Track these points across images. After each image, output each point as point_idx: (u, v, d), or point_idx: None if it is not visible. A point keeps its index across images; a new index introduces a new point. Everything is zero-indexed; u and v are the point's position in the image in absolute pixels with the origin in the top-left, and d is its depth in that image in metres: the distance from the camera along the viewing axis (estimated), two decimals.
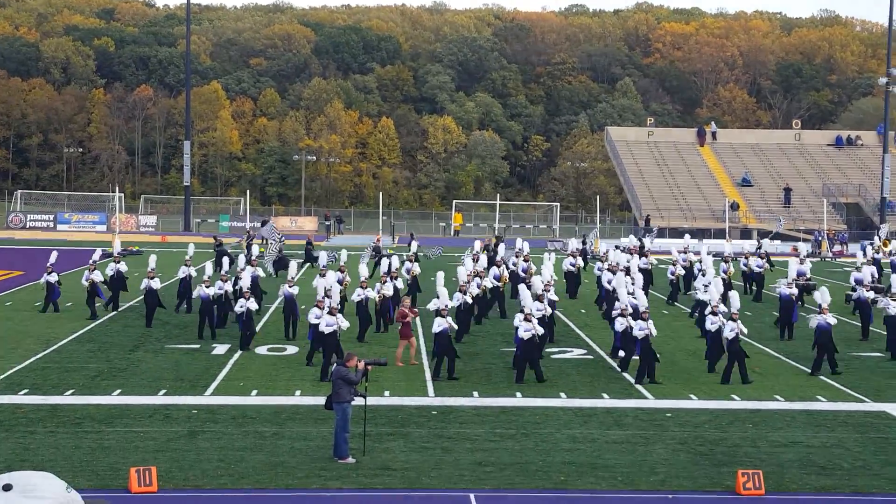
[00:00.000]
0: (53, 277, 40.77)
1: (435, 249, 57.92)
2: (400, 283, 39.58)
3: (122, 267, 41.45)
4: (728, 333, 29.58)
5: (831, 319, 31.29)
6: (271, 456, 21.54)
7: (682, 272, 45.54)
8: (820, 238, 71.76)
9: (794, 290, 38.23)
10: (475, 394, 27.55)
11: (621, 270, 39.24)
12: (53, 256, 42.27)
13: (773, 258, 52.34)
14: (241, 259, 42.96)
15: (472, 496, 19.48)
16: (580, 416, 25.36)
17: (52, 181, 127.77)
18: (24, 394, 26.70)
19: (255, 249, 48.58)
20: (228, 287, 37.52)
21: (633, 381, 29.20)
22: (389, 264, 39.11)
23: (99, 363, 30.91)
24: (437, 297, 31.33)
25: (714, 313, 30.73)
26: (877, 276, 44.64)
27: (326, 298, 30.62)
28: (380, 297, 36.65)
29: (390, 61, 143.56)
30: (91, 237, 78.64)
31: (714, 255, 48.16)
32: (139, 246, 65.19)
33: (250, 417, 24.71)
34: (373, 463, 21.23)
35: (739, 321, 29.85)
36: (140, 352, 32.87)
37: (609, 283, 38.75)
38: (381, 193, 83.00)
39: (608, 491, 19.90)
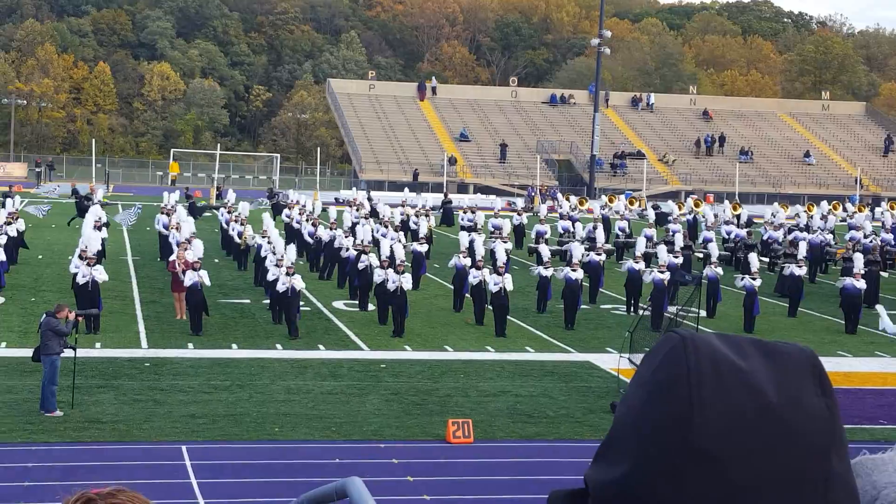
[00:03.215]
0: None
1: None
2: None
3: None
4: (493, 287, 30.36)
5: (579, 274, 32.57)
6: None
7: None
8: (533, 193, 73.99)
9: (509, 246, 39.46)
10: (190, 345, 27.21)
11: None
12: None
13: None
14: None
15: (184, 448, 19.29)
16: (296, 368, 25.43)
17: None
18: None
19: None
20: None
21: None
22: None
23: None
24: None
25: (478, 267, 31.59)
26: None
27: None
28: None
29: (106, 4, 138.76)
30: None
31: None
32: None
33: None
34: (81, 416, 20.73)
35: (507, 275, 30.73)
36: None
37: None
38: (94, 140, 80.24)
39: (322, 441, 20.09)
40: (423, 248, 39.01)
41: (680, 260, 37.50)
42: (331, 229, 39.35)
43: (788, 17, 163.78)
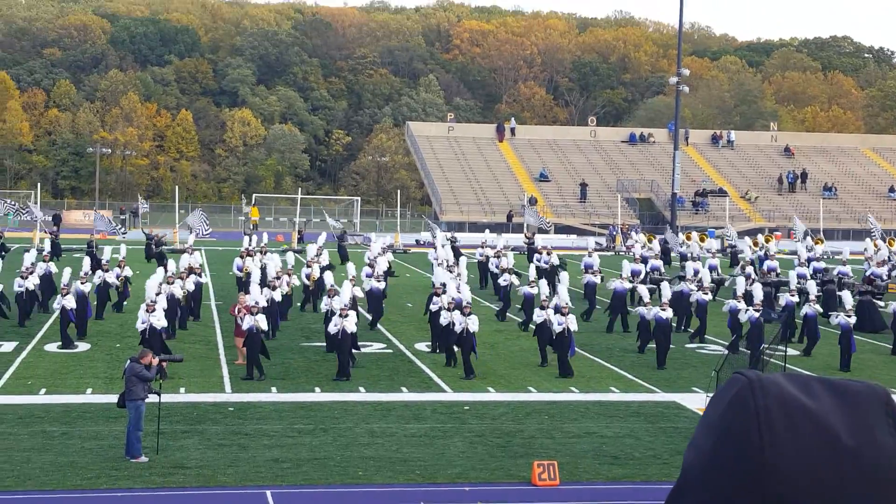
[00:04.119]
0: None
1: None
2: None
3: None
4: (556, 327, 30.01)
5: (669, 313, 32.21)
6: (60, 456, 20.85)
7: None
8: (614, 233, 73.50)
9: (627, 285, 38.81)
10: (273, 389, 27.22)
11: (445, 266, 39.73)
12: None
13: (567, 251, 53.48)
14: (32, 254, 41.45)
15: (268, 493, 19.21)
16: (379, 410, 25.30)
17: None
18: None
19: (48, 244, 46.97)
20: (29, 284, 36.19)
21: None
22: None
23: None
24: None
25: (542, 307, 31.13)
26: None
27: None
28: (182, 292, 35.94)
29: (189, 54, 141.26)
30: None
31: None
32: None
33: (38, 417, 23.88)
34: (167, 461, 20.75)
35: (571, 315, 30.39)
36: None
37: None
38: (177, 187, 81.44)
39: (407, 485, 19.90)
40: (534, 290, 38.44)
41: (796, 298, 36.70)
42: (450, 271, 38.69)
43: (869, 53, 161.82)
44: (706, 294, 36.93)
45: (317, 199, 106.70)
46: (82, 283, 34.70)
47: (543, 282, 35.20)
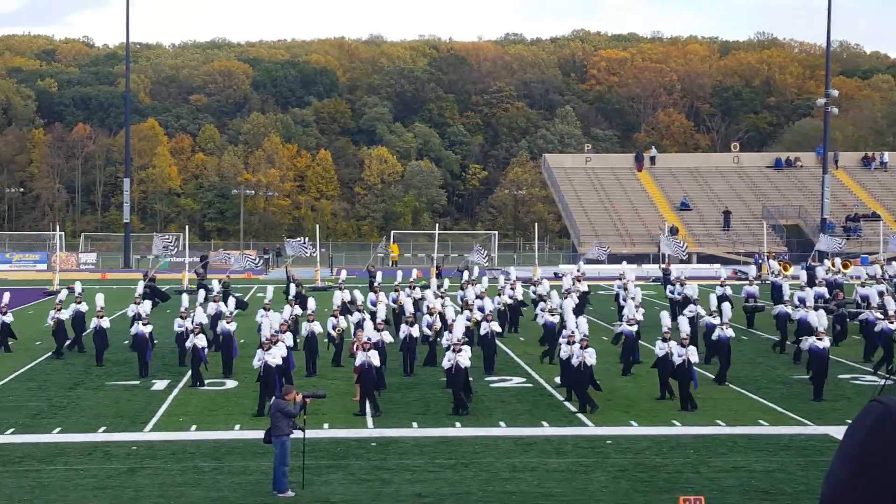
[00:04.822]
0: (9, 318, 40.22)
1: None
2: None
3: (83, 307, 40.59)
4: (676, 359, 29.43)
5: (826, 342, 31.28)
6: (211, 491, 21.20)
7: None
8: (760, 261, 72.00)
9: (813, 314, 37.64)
10: (414, 424, 27.28)
11: (568, 297, 39.44)
12: (6, 297, 41.28)
13: (704, 281, 52.58)
14: (201, 294, 42.60)
15: None
16: (520, 445, 25.13)
17: None
18: None
19: (217, 285, 47.89)
20: (188, 324, 36.89)
21: (573, 409, 29.07)
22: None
23: (39, 401, 30.39)
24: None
25: (664, 339, 30.51)
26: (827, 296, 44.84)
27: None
28: (337, 330, 36.12)
29: (327, 94, 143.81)
30: (32, 276, 77.22)
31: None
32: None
33: (190, 452, 24.36)
34: (312, 496, 20.93)
35: (691, 347, 29.79)
36: (80, 389, 32.42)
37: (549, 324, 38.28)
38: (318, 226, 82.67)
39: None
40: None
41: None
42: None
43: None
44: (892, 322, 35.10)
45: (454, 234, 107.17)
46: (228, 323, 35.38)
47: (665, 313, 34.65)
